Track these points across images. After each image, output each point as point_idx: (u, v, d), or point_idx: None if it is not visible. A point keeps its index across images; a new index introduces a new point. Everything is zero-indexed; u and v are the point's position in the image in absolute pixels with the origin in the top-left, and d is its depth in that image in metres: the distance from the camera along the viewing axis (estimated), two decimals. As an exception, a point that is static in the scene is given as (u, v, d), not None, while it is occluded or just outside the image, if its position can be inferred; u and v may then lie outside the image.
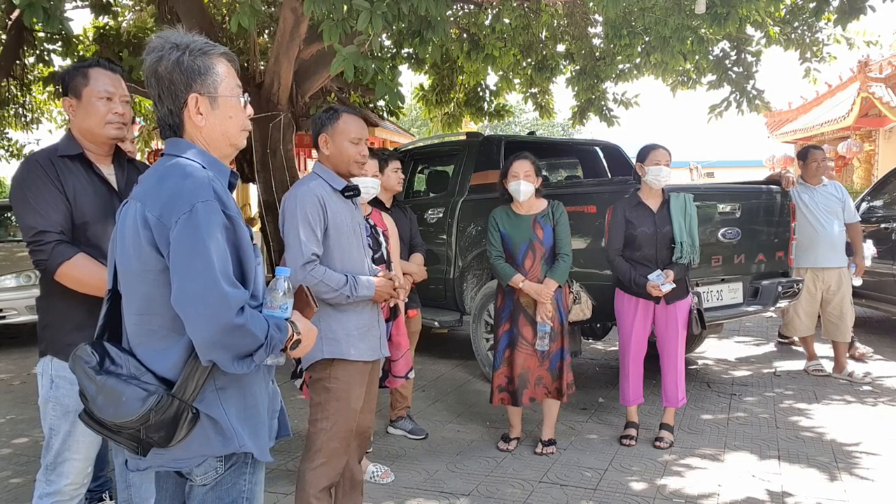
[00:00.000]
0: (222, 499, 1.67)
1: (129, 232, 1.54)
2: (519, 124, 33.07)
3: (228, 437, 1.59)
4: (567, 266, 3.77)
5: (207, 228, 1.47)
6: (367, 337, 2.60)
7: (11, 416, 4.69)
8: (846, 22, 6.26)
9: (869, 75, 14.77)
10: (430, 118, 11.30)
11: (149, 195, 1.53)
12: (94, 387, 1.49)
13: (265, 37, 9.93)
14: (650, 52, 7.91)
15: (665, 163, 3.80)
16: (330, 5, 4.24)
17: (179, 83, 1.58)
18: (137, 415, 1.46)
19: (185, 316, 1.47)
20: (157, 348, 1.54)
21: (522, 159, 3.75)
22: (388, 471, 3.54)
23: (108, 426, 1.51)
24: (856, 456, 3.75)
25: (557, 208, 3.80)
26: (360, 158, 2.58)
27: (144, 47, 1.63)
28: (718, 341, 6.65)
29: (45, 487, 2.24)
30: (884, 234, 6.32)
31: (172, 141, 1.63)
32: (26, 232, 2.11)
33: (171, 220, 1.47)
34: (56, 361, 2.18)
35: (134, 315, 1.57)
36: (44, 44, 9.29)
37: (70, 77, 2.23)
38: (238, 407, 1.61)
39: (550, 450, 3.84)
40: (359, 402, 2.62)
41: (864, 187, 12.55)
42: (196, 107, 1.60)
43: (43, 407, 2.25)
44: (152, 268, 1.51)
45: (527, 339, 3.77)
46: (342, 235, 2.53)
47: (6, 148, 11.42)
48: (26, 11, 4.18)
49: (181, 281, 1.46)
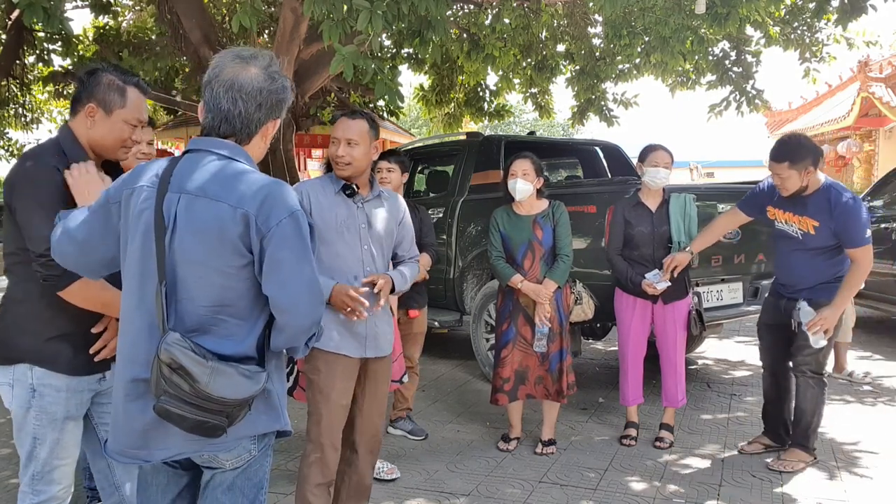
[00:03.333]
0: (251, 479, 1.73)
1: (208, 227, 1.58)
2: (519, 124, 33.07)
3: (276, 414, 1.70)
4: (566, 267, 3.74)
5: (305, 233, 1.63)
6: (350, 332, 2.58)
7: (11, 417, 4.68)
8: (846, 22, 6.28)
9: (869, 75, 14.79)
10: (430, 118, 11.31)
11: (235, 194, 1.58)
12: (207, 370, 1.53)
13: (265, 37, 9.93)
14: (650, 52, 7.92)
15: (664, 164, 3.79)
16: (330, 5, 4.24)
17: (277, 107, 1.71)
18: (254, 391, 1.58)
19: (290, 308, 1.61)
20: (224, 336, 1.62)
21: (522, 158, 3.73)
22: (394, 468, 3.54)
23: (208, 408, 1.54)
24: (856, 455, 3.75)
25: (558, 209, 3.78)
26: (336, 158, 2.61)
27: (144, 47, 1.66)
28: (718, 341, 6.65)
29: (32, 498, 2.11)
30: (884, 234, 6.32)
31: (230, 145, 1.67)
32: (39, 243, 1.91)
33: (270, 222, 1.57)
34: (38, 370, 2.03)
35: (204, 307, 1.61)
36: (44, 44, 9.31)
37: (106, 86, 2.07)
38: (281, 388, 1.75)
39: (550, 450, 3.83)
40: (343, 398, 2.62)
41: (864, 187, 12.55)
42: (272, 129, 1.74)
43: (20, 418, 2.08)
44: (235, 263, 1.59)
45: (526, 339, 3.76)
46: (329, 231, 2.57)
47: (6, 148, 11.42)
48: (26, 11, 4.18)
49: (289, 278, 1.59)
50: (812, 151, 3.42)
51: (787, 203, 3.54)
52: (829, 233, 3.41)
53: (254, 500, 1.74)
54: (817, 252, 3.48)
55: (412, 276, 2.80)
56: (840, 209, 3.37)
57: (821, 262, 3.49)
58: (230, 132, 1.66)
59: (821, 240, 3.44)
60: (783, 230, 3.59)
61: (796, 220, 3.52)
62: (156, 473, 1.76)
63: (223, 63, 1.66)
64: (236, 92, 1.63)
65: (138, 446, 1.64)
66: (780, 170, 3.42)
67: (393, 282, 2.64)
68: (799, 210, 3.50)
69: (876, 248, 6.18)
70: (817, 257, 3.49)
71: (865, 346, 6.19)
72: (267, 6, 8.50)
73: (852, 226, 3.36)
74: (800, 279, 3.55)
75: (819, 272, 3.50)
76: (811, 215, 3.45)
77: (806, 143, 3.50)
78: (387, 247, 2.72)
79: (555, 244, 3.74)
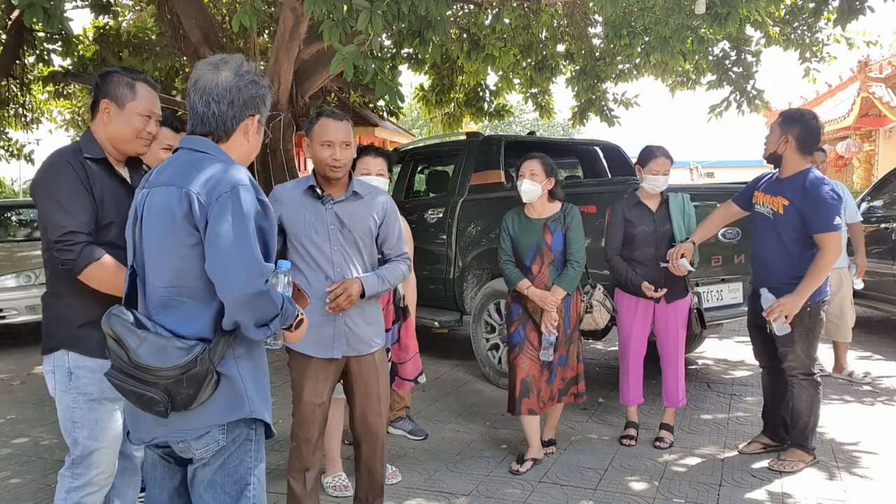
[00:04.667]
0: (230, 476, 1.75)
1: (160, 212, 1.71)
2: (519, 124, 33.06)
3: (241, 401, 1.73)
4: (576, 273, 3.58)
5: (247, 207, 1.66)
6: (316, 333, 2.54)
7: (11, 416, 4.69)
8: (846, 22, 6.27)
9: (869, 75, 14.79)
10: (430, 118, 11.30)
11: (186, 178, 1.69)
12: (137, 339, 1.63)
13: (265, 37, 9.94)
14: (650, 52, 7.91)
15: (663, 172, 3.79)
16: (330, 5, 4.24)
17: (251, 103, 1.81)
18: (184, 361, 1.61)
19: (223, 279, 1.64)
20: (182, 316, 1.70)
21: (530, 159, 3.60)
22: (395, 471, 3.54)
23: (143, 378, 1.62)
24: (856, 455, 3.75)
25: (570, 212, 3.62)
26: (332, 161, 2.61)
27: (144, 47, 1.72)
28: (718, 341, 6.65)
29: (72, 482, 2.26)
30: (884, 234, 6.32)
31: (196, 139, 1.79)
32: (55, 231, 2.14)
33: (212, 197, 1.66)
34: (72, 354, 2.23)
35: (162, 288, 1.72)
36: (44, 44, 9.31)
37: (116, 83, 2.26)
38: (252, 376, 1.77)
39: (550, 450, 3.80)
40: (315, 397, 2.67)
41: (864, 187, 12.56)
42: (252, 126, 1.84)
43: (61, 401, 2.26)
44: (185, 243, 1.68)
45: (533, 345, 3.63)
46: (298, 233, 2.62)
47: (6, 148, 11.42)
48: (26, 11, 4.18)
49: (221, 249, 1.63)
50: (804, 127, 3.48)
51: (768, 187, 3.59)
52: (797, 214, 3.41)
53: (238, 498, 1.76)
54: (788, 237, 3.46)
55: (395, 276, 2.73)
56: (811, 193, 3.38)
57: (791, 252, 3.46)
58: (206, 131, 1.80)
59: (788, 220, 3.44)
60: (759, 212, 3.63)
61: (770, 200, 3.55)
62: (154, 468, 1.85)
63: (199, 72, 1.81)
64: (208, 96, 1.77)
65: (135, 429, 1.78)
66: (773, 125, 3.59)
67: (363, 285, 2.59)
68: (775, 191, 3.53)
69: (876, 247, 6.25)
70: (788, 246, 3.47)
71: (865, 346, 6.20)
72: (267, 6, 8.50)
73: (819, 209, 3.36)
74: (770, 268, 3.54)
75: (789, 262, 3.46)
76: (784, 195, 3.47)
77: (807, 118, 3.54)
78: (366, 246, 2.68)
79: (565, 249, 3.61)
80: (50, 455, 3.90)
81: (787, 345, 3.50)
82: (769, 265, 3.56)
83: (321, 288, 2.59)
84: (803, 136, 3.46)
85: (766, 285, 3.53)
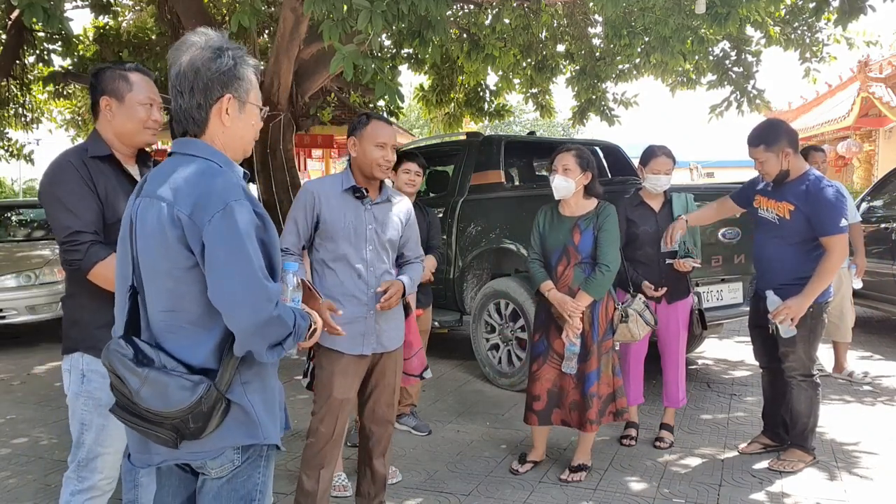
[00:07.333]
0: (237, 491, 1.70)
1: (154, 231, 1.57)
2: (519, 124, 33.07)
3: (254, 428, 1.64)
4: (605, 279, 3.29)
5: (243, 226, 1.53)
6: (348, 330, 2.58)
7: (11, 416, 4.69)
8: (846, 22, 6.27)
9: (869, 75, 14.81)
10: (430, 118, 11.30)
11: (176, 194, 1.56)
12: (138, 379, 1.52)
13: (265, 37, 9.94)
14: (650, 52, 7.91)
15: (665, 172, 3.78)
16: (330, 5, 4.24)
17: (217, 81, 1.63)
18: (188, 404, 1.51)
19: (228, 309, 1.52)
20: (185, 343, 1.59)
21: (564, 152, 3.37)
22: (395, 471, 3.54)
23: (148, 419, 1.53)
24: (856, 455, 3.75)
25: (604, 212, 3.35)
26: (384, 162, 2.71)
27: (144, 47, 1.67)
28: (718, 341, 6.65)
29: (76, 485, 2.26)
30: (884, 234, 6.32)
31: (186, 141, 1.67)
32: (60, 231, 2.16)
33: (203, 218, 1.52)
34: (87, 357, 2.23)
35: (160, 312, 1.60)
36: (44, 44, 9.31)
37: (110, 79, 2.25)
38: (261, 399, 1.67)
39: (577, 476, 3.43)
40: (343, 392, 2.71)
41: (864, 187, 12.56)
42: (226, 107, 1.65)
43: (73, 403, 2.27)
44: (181, 265, 1.56)
45: (558, 352, 3.39)
46: (336, 230, 2.69)
47: (6, 148, 11.42)
48: (26, 11, 4.17)
49: (222, 276, 1.52)
50: (786, 133, 3.45)
51: (771, 191, 3.56)
52: (804, 218, 3.40)
53: None
54: (793, 241, 3.45)
55: (419, 277, 2.94)
56: (815, 195, 3.36)
57: (796, 253, 3.45)
58: (183, 130, 1.68)
59: (795, 225, 3.42)
60: (763, 217, 3.60)
61: (774, 205, 3.52)
62: (169, 475, 1.79)
63: None
64: (175, 90, 1.65)
65: (141, 450, 1.68)
66: (758, 154, 3.47)
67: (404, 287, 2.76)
68: (779, 196, 3.51)
69: (876, 247, 6.24)
70: (792, 247, 3.45)
71: (865, 346, 6.20)
72: (267, 6, 8.51)
73: (825, 211, 3.34)
74: (775, 270, 3.52)
75: (793, 263, 3.45)
76: (789, 200, 3.45)
77: (779, 125, 3.54)
78: (392, 247, 2.82)
79: (596, 251, 3.33)
80: (50, 455, 3.89)
81: (789, 345, 3.50)
82: (772, 266, 3.56)
83: (353, 286, 2.69)
84: (793, 141, 3.46)
85: (769, 286, 3.52)
